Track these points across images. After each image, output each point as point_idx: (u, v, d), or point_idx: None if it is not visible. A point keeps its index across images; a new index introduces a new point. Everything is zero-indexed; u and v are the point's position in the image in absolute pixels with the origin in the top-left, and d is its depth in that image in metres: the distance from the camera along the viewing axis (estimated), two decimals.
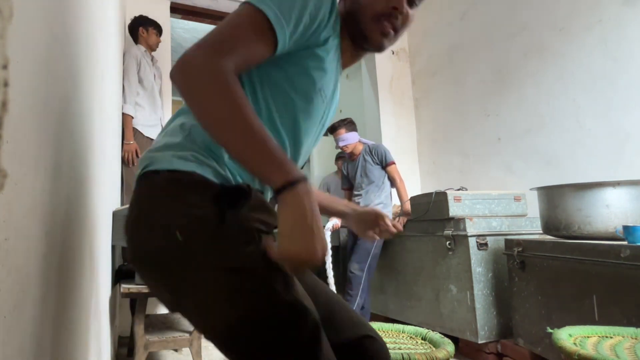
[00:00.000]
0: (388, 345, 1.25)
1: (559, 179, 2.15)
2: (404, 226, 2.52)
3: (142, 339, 1.61)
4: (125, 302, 2.34)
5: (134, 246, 0.57)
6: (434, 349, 1.20)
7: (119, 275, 1.82)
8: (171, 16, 3.11)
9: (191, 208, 0.54)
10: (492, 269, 2.06)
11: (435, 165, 3.37)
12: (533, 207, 2.11)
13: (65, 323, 0.63)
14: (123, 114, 2.44)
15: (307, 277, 0.73)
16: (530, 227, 2.18)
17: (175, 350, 2.28)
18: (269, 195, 0.70)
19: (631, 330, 1.08)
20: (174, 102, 3.06)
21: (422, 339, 1.31)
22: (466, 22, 3.03)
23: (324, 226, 2.56)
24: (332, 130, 2.68)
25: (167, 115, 2.92)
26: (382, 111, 3.52)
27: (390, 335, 1.36)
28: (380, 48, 0.72)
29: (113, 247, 1.77)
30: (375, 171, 2.60)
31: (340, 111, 5.02)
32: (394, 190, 2.67)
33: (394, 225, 0.87)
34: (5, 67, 0.09)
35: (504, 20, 2.71)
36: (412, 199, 2.49)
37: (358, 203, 2.58)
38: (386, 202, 2.59)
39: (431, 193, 2.30)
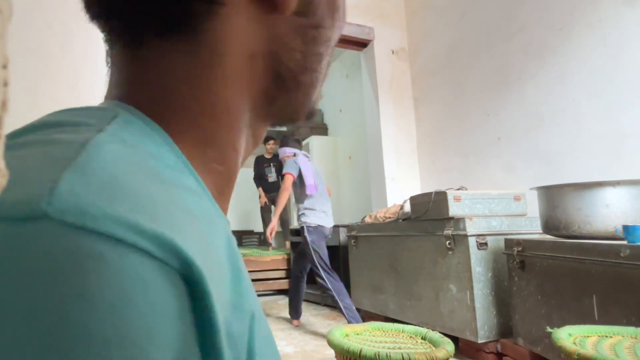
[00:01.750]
0: (388, 345, 1.25)
1: (558, 179, 2.15)
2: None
3: None
4: None
5: None
6: (433, 348, 1.20)
7: None
8: None
9: None
10: (492, 268, 2.06)
11: (435, 165, 3.37)
12: (533, 207, 2.11)
13: None
14: None
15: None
16: (530, 227, 2.18)
17: None
18: None
19: (631, 329, 1.08)
20: None
21: (422, 338, 1.32)
22: (466, 22, 3.04)
23: None
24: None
25: None
26: (382, 111, 3.52)
27: (390, 335, 1.36)
28: None
29: None
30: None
31: (340, 111, 5.02)
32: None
33: None
34: (5, 66, 0.09)
35: (504, 20, 2.71)
36: (412, 198, 2.49)
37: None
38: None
39: (431, 193, 2.30)
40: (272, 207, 5.34)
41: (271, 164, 4.89)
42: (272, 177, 4.97)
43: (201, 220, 0.20)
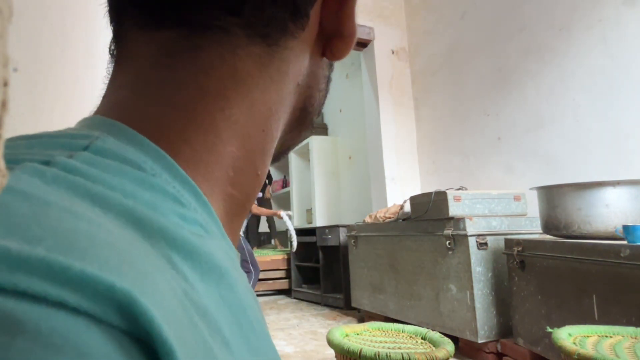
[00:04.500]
0: (388, 345, 1.25)
1: (558, 179, 2.15)
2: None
3: None
4: None
5: None
6: (433, 348, 1.20)
7: None
8: None
9: None
10: (492, 268, 2.06)
11: (435, 165, 3.37)
12: (533, 207, 2.11)
13: None
14: None
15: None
16: (530, 227, 2.18)
17: None
18: None
19: (631, 329, 1.08)
20: None
21: (422, 338, 1.32)
22: (466, 21, 3.04)
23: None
24: None
25: None
26: (382, 111, 3.52)
27: (390, 335, 1.36)
28: None
29: None
30: None
31: (340, 111, 5.02)
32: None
33: None
34: (5, 66, 0.09)
35: (504, 20, 2.71)
36: (412, 198, 2.49)
37: None
38: None
39: (431, 192, 2.30)
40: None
41: None
42: None
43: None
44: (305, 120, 0.30)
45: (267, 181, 5.48)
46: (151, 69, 0.23)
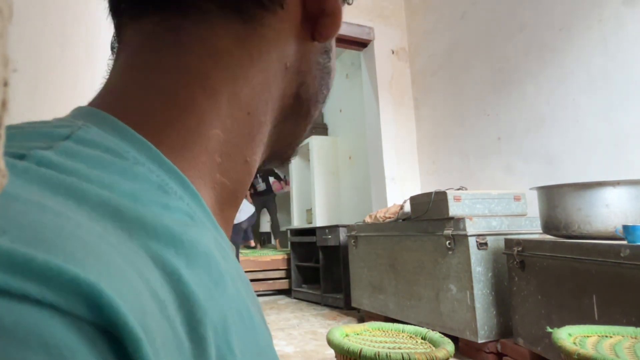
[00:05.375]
0: (388, 345, 1.25)
1: (558, 179, 2.15)
2: None
3: None
4: None
5: None
6: (433, 348, 1.20)
7: None
8: None
9: None
10: (492, 268, 2.06)
11: (435, 165, 3.37)
12: (533, 207, 2.11)
13: None
14: None
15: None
16: (530, 227, 2.18)
17: None
18: None
19: (631, 329, 1.08)
20: None
21: (422, 338, 1.32)
22: (466, 21, 3.04)
23: None
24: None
25: None
26: (382, 111, 3.52)
27: (390, 335, 1.36)
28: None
29: None
30: None
31: (340, 111, 5.02)
32: None
33: None
34: (5, 66, 0.09)
35: (504, 20, 2.71)
36: (412, 198, 2.49)
37: None
38: None
39: (431, 192, 2.30)
40: (264, 209, 5.54)
41: (257, 175, 5.07)
42: (260, 186, 5.48)
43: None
44: (301, 109, 0.29)
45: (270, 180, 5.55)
46: (136, 54, 0.24)
